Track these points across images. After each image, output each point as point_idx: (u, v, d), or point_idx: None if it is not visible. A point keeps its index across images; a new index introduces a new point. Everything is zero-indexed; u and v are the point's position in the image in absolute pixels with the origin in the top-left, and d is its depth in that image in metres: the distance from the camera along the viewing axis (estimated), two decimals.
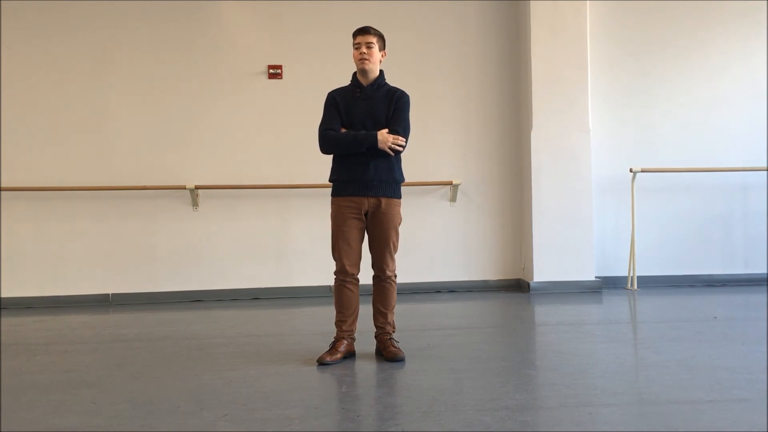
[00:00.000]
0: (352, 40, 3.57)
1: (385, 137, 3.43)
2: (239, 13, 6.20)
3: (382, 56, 3.58)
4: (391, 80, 3.67)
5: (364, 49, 3.48)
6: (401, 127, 3.50)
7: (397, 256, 3.61)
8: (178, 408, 2.75)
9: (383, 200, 3.49)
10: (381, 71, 3.59)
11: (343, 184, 3.52)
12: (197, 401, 2.83)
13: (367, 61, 3.48)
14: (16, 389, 3.10)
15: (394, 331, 3.64)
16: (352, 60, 3.59)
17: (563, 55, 6.05)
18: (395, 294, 3.62)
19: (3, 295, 5.86)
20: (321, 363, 3.41)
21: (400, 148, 3.47)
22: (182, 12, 6.10)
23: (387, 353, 3.49)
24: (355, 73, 3.60)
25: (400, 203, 3.58)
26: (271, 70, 6.17)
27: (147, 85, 6.09)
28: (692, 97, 6.41)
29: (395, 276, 3.61)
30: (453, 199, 6.30)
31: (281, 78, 6.18)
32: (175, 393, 2.98)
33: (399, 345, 3.59)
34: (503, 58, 6.39)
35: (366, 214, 3.52)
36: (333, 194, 3.57)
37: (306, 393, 2.93)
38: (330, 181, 3.61)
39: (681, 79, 6.41)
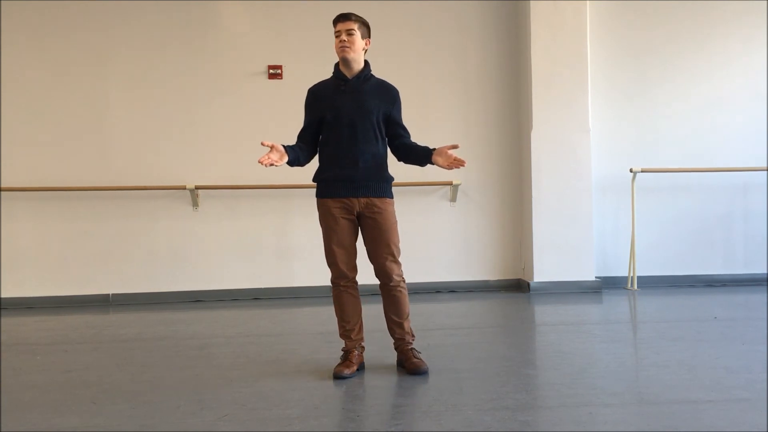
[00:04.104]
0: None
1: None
2: (239, 13, 6.20)
3: (366, 45, 3.31)
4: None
5: (344, 37, 3.22)
6: (405, 130, 3.39)
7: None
8: (178, 408, 2.75)
9: (375, 200, 3.25)
10: (366, 62, 3.34)
11: (330, 183, 3.27)
12: (197, 401, 2.83)
13: (348, 50, 3.22)
14: (16, 389, 3.10)
15: (414, 339, 3.38)
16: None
17: (563, 55, 6.05)
18: (407, 300, 3.34)
19: (3, 295, 5.86)
20: (338, 377, 3.16)
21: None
22: (182, 12, 6.10)
23: (409, 365, 3.25)
24: (337, 64, 3.35)
25: (393, 203, 3.33)
26: (271, 70, 6.17)
27: (147, 85, 6.09)
28: (692, 97, 6.41)
29: (403, 281, 3.34)
30: (453, 199, 6.30)
31: (281, 78, 6.18)
32: (175, 393, 2.98)
33: (421, 356, 3.35)
34: (503, 57, 6.39)
35: (358, 216, 3.28)
36: (319, 195, 3.32)
37: (306, 393, 2.93)
38: (314, 180, 3.35)
39: (681, 79, 6.41)
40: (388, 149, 3.41)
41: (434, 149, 3.27)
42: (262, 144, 3.16)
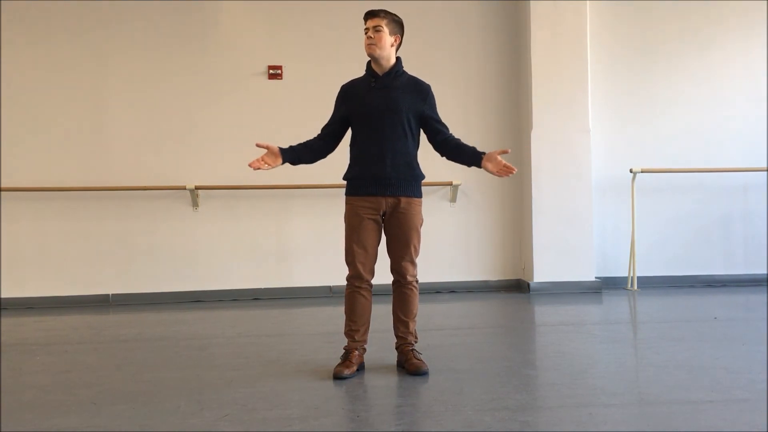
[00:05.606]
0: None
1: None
2: (239, 13, 6.20)
3: (396, 41, 3.30)
4: None
5: (371, 34, 3.21)
6: (444, 125, 3.37)
7: None
8: (178, 408, 2.74)
9: (402, 200, 3.22)
10: (398, 58, 3.32)
11: (358, 182, 3.24)
12: (197, 401, 2.83)
13: (374, 47, 3.21)
14: (16, 389, 3.10)
15: (416, 341, 3.38)
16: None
17: (563, 55, 6.05)
18: (417, 301, 3.38)
19: (3, 295, 5.86)
20: (338, 377, 3.14)
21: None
22: (182, 12, 6.11)
23: (410, 365, 3.22)
24: (369, 62, 3.33)
25: (420, 202, 3.31)
26: (271, 70, 6.17)
27: (147, 85, 6.09)
28: (692, 97, 6.41)
29: (417, 281, 3.38)
30: (453, 199, 6.30)
31: (281, 78, 6.18)
32: (175, 393, 2.98)
33: (422, 356, 3.33)
34: (503, 57, 6.39)
35: (384, 215, 3.26)
36: (347, 193, 3.29)
37: (306, 393, 2.93)
38: (344, 179, 3.32)
39: (681, 79, 6.41)
40: (432, 147, 3.40)
41: (483, 153, 3.28)
42: (257, 145, 3.17)
